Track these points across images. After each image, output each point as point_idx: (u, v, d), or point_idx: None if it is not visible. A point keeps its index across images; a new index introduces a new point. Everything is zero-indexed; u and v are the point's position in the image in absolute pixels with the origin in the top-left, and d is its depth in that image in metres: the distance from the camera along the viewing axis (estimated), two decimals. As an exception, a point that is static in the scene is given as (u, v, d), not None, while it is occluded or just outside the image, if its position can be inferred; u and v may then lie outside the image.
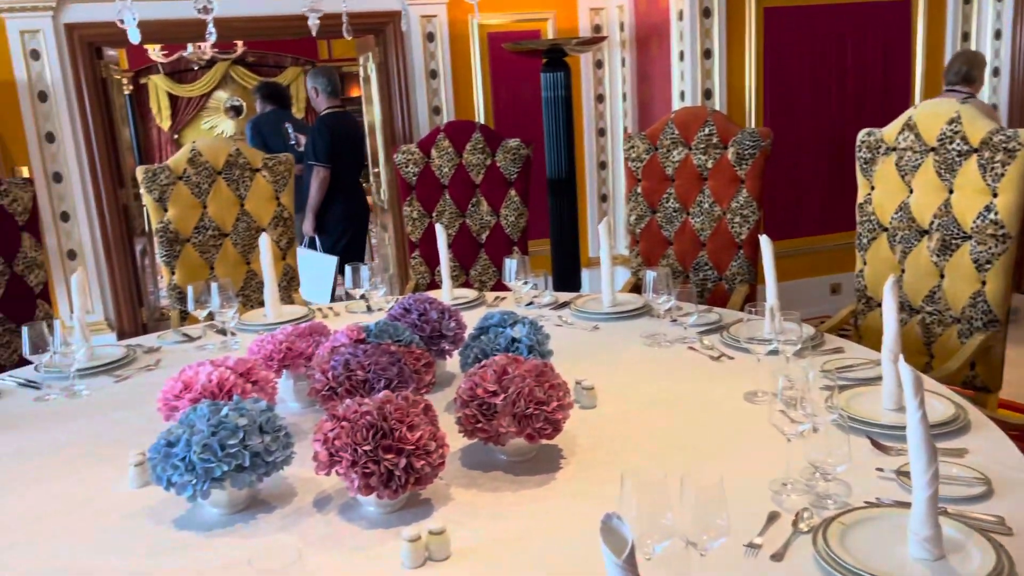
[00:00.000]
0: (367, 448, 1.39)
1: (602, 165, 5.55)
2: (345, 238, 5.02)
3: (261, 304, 3.09)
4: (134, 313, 4.80)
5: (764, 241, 2.18)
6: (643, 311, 2.59)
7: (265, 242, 2.69)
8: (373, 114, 5.35)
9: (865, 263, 2.66)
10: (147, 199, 3.16)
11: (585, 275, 5.30)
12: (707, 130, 3.07)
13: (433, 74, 5.00)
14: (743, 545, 1.28)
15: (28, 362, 2.29)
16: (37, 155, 4.38)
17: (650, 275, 2.34)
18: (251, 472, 1.44)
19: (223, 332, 2.57)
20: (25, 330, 2.07)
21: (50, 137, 4.42)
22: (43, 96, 4.38)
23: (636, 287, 3.08)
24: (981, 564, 1.14)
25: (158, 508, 1.52)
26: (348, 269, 2.64)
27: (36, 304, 2.88)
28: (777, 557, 1.25)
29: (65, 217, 4.51)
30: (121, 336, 4.56)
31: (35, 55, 4.33)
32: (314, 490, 1.56)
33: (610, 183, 5.57)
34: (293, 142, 5.31)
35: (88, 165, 4.50)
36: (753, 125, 4.74)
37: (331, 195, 4.84)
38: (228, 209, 3.26)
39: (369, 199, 6.34)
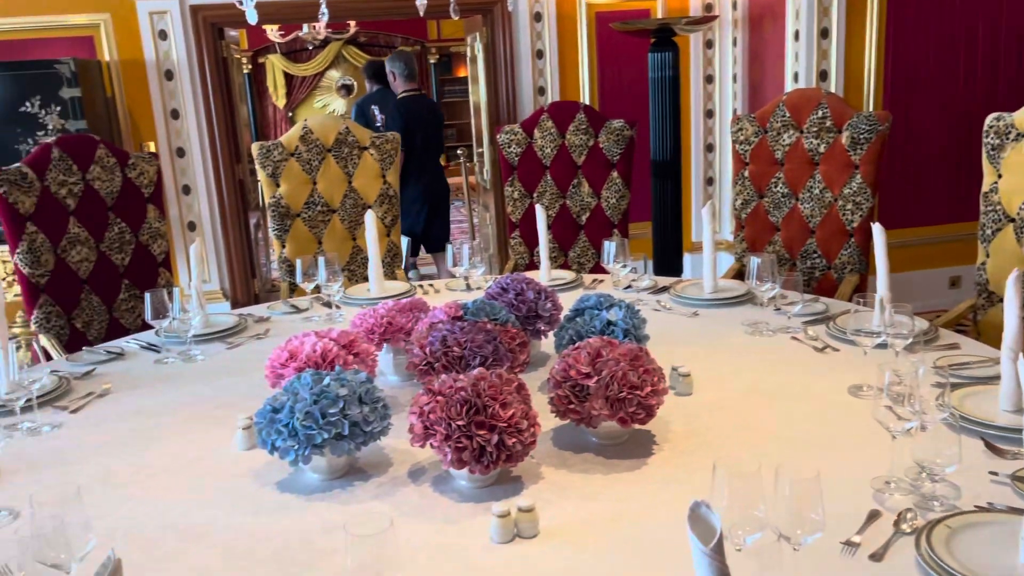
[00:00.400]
0: (461, 423, 1.42)
1: (709, 148, 5.42)
2: (420, 217, 5.23)
3: (365, 279, 3.18)
4: (247, 284, 5.02)
5: (877, 229, 2.09)
6: (745, 298, 2.53)
7: (371, 219, 2.76)
8: (478, 94, 5.39)
9: (988, 255, 2.51)
10: (261, 174, 3.29)
11: (687, 260, 5.20)
12: (820, 113, 2.95)
13: (539, 54, 4.99)
14: (840, 542, 1.24)
15: (150, 326, 2.43)
16: (163, 131, 4.63)
17: (754, 261, 2.28)
18: (349, 441, 1.48)
19: (328, 305, 2.66)
20: (148, 296, 2.19)
21: (175, 114, 4.65)
22: (169, 75, 4.61)
23: (739, 274, 3.01)
24: (1102, 579, 1.07)
25: (262, 471, 1.59)
26: (450, 248, 2.68)
27: (159, 272, 3.05)
28: (876, 557, 1.20)
29: (187, 190, 4.75)
30: (234, 305, 4.78)
31: (163, 35, 4.56)
32: (409, 461, 1.60)
33: (717, 167, 5.44)
34: (379, 124, 5.44)
35: (208, 141, 4.72)
36: (871, 108, 4.53)
37: (404, 176, 4.99)
38: (336, 186, 3.36)
39: (472, 179, 6.41)
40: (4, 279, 4.14)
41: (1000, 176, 2.46)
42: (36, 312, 2.70)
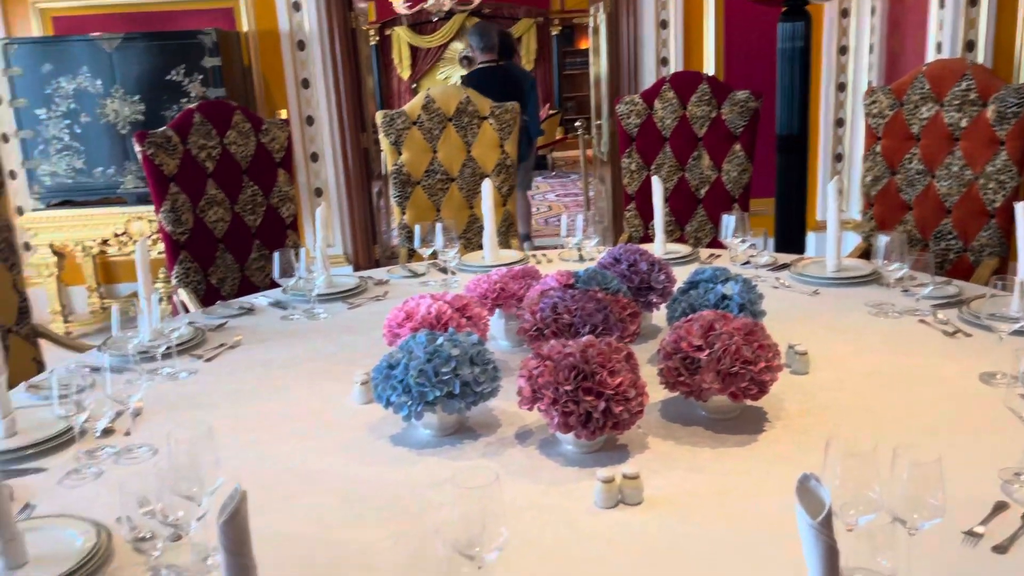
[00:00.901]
0: (568, 388, 1.43)
1: (839, 122, 5.19)
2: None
3: (481, 247, 3.23)
4: (368, 249, 5.19)
5: (1021, 208, 1.96)
6: (871, 278, 2.42)
7: (488, 187, 2.79)
8: (599, 65, 5.34)
9: None
10: (384, 142, 3.38)
11: (811, 239, 5.02)
12: (964, 85, 2.77)
13: (663, 24, 4.89)
14: (961, 532, 1.19)
15: (277, 284, 2.56)
16: (294, 99, 4.82)
17: (882, 239, 2.18)
18: (460, 399, 1.53)
19: (444, 271, 2.72)
20: (276, 256, 2.30)
21: (305, 83, 4.84)
22: (301, 45, 4.78)
23: (865, 253, 2.88)
24: None
25: (377, 425, 1.66)
26: (563, 218, 2.69)
27: (287, 234, 3.20)
28: (1000, 549, 1.15)
29: (314, 158, 4.94)
30: (356, 269, 4.96)
31: (296, 7, 4.73)
32: (517, 424, 1.63)
33: (847, 142, 5.20)
34: None
35: (336, 110, 4.89)
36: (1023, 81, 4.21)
37: None
38: (456, 154, 3.42)
39: (589, 152, 6.38)
40: (149, 237, 4.44)
41: None
42: (176, 268, 2.89)
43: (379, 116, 3.39)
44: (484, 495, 1.01)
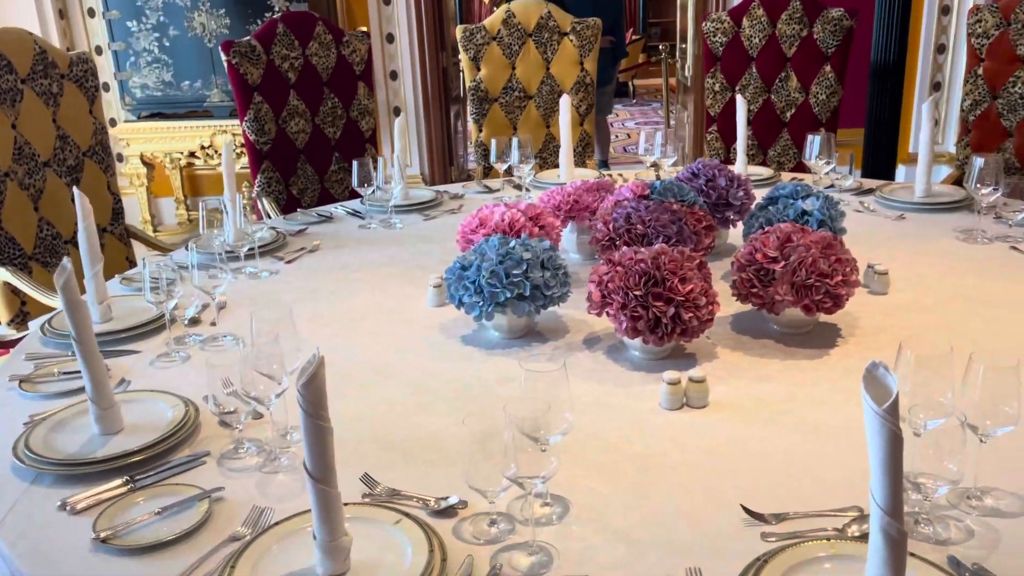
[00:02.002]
0: (638, 293, 1.43)
1: (940, 49, 4.90)
2: None
3: (557, 166, 3.21)
4: (445, 170, 5.21)
5: None
6: (962, 204, 2.33)
7: (565, 104, 2.76)
8: (687, -16, 5.14)
9: None
10: (463, 57, 3.37)
11: (900, 171, 4.81)
12: (1081, 1, 2.59)
13: (756, -60, 4.66)
14: (1035, 446, 1.16)
15: (357, 195, 2.61)
16: (375, 15, 4.81)
17: (977, 162, 2.09)
18: (530, 302, 1.55)
19: (519, 187, 2.72)
20: (355, 164, 2.35)
21: (386, 0, 4.81)
22: (382, -39, 4.74)
23: (958, 181, 2.75)
24: None
25: (449, 325, 1.70)
26: (642, 133, 2.65)
27: (365, 148, 3.24)
28: (1076, 466, 1.12)
29: (394, 76, 4.94)
30: (432, 190, 4.99)
31: (378, -78, 4.68)
32: (586, 331, 1.64)
33: (947, 70, 4.91)
34: None
35: (416, 28, 4.86)
36: None
37: None
38: (534, 71, 3.38)
39: (672, 80, 6.20)
40: (235, 149, 4.55)
41: None
42: (259, 176, 2.97)
43: (459, 30, 3.37)
44: (550, 379, 1.04)
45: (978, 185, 2.07)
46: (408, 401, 1.40)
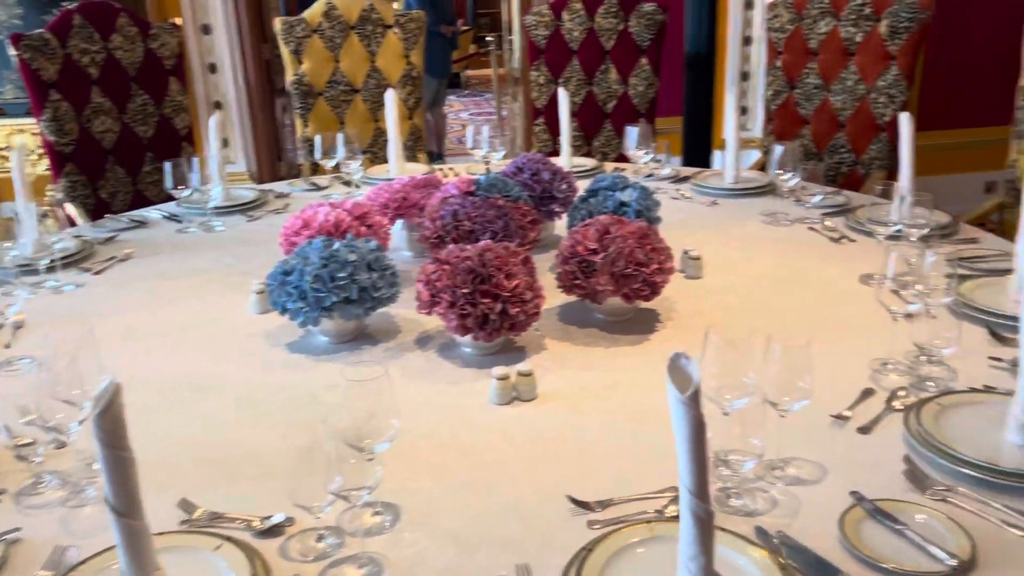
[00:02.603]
0: (466, 291, 1.44)
1: (746, 40, 5.23)
2: None
3: (387, 161, 3.17)
4: (273, 166, 5.03)
5: (904, 119, 2.03)
6: (767, 189, 2.49)
7: (391, 98, 2.72)
8: (510, -23, 5.21)
9: (1020, 152, 2.44)
10: (284, 50, 3.25)
11: (717, 157, 5.09)
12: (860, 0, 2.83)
13: (574, -65, 4.78)
14: (830, 415, 1.26)
15: (173, 198, 2.47)
16: (188, 5, 4.55)
17: (778, 149, 2.24)
18: (358, 305, 1.52)
19: (348, 184, 2.67)
20: (167, 166, 2.21)
21: (199, -11, 4.56)
22: (193, -52, 4.49)
23: (764, 167, 2.95)
24: (1084, 456, 1.09)
25: (274, 332, 1.64)
26: (469, 129, 2.66)
27: (182, 146, 3.07)
28: (864, 430, 1.23)
29: (213, 69, 4.70)
30: (260, 188, 4.80)
31: (186, -94, 4.42)
32: (417, 330, 1.63)
33: (753, 61, 5.24)
34: None
35: (233, 18, 4.64)
36: None
37: None
38: (359, 65, 3.31)
39: (501, 70, 6.28)
40: (33, 151, 4.18)
41: (1042, 69, 2.36)
42: (62, 181, 2.74)
43: (278, 23, 3.25)
44: (372, 387, 1.02)
45: (779, 171, 2.23)
46: (230, 416, 1.34)
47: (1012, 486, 1.06)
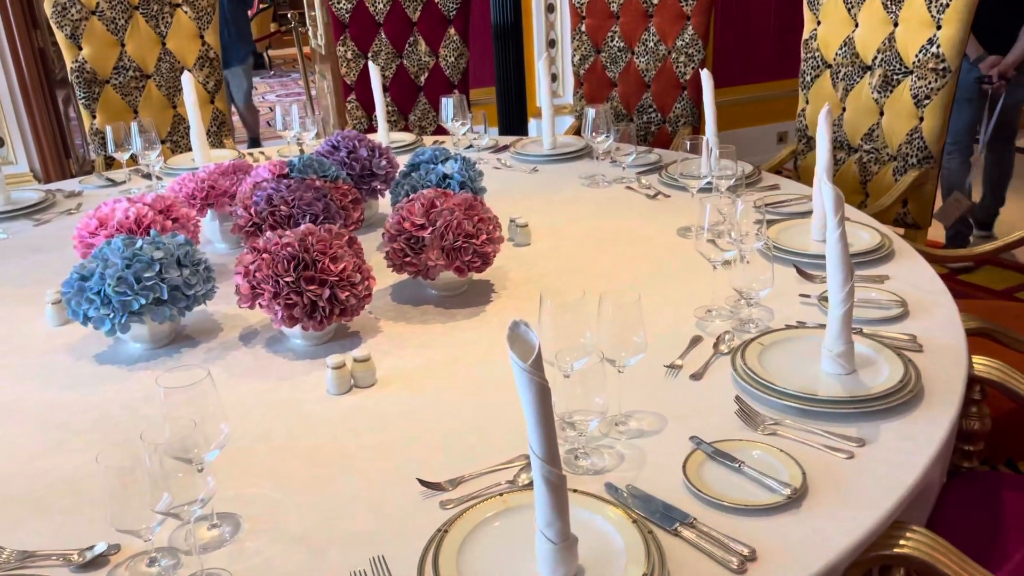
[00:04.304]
0: (289, 279, 1.36)
1: (550, 8, 5.32)
2: None
3: (190, 149, 2.97)
4: (61, 164, 4.59)
5: (705, 76, 2.12)
6: (584, 152, 2.55)
7: (188, 81, 2.54)
8: (306, -50, 5.00)
9: (808, 102, 2.62)
10: (59, 36, 2.95)
11: (533, 125, 5.17)
12: (654, -37, 2.93)
13: (369, -95, 4.65)
14: (664, 366, 1.30)
15: (-61, 206, 2.18)
16: (-63, -9, 4.04)
17: (590, 113, 2.28)
18: (170, 306, 1.40)
19: (148, 176, 2.47)
20: (-72, 170, 1.95)
21: (-50, -29, 4.05)
22: (-63, -77, 3.98)
23: (579, 131, 3.01)
24: (889, 376, 1.18)
25: (79, 345, 1.49)
26: (278, 108, 2.53)
27: (-54, 149, 2.72)
28: (696, 376, 1.28)
29: (-24, 61, 4.21)
30: (49, 189, 4.37)
31: None
32: (240, 325, 1.54)
33: (558, 27, 5.35)
34: None
35: (-4, 3, 4.17)
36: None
37: None
38: (149, 48, 3.06)
39: (306, 48, 6.05)
40: None
41: (819, 23, 2.54)
42: None
43: (47, 5, 2.93)
44: (194, 393, 0.94)
45: (592, 134, 2.27)
46: (34, 442, 1.20)
47: (831, 412, 1.13)
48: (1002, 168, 3.74)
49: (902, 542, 0.95)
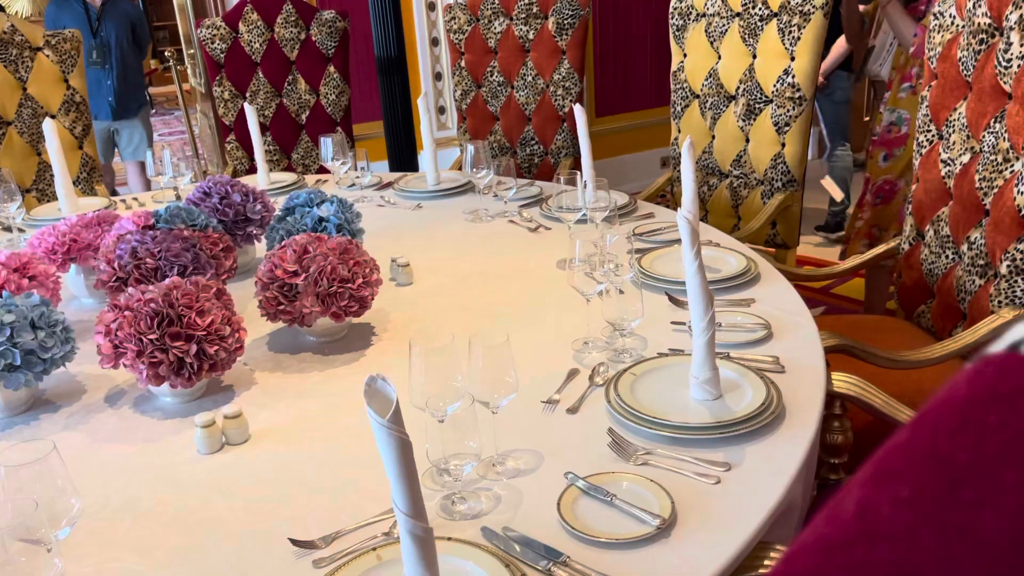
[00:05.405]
0: (152, 337, 1.31)
1: (434, 42, 5.36)
2: None
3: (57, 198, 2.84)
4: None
5: (578, 110, 2.18)
6: (467, 188, 2.56)
7: (49, 128, 2.43)
8: (180, -12, 4.90)
9: (679, 130, 2.72)
10: (-94, 84, 2.78)
11: (423, 157, 5.18)
12: (526, 1, 2.99)
13: (244, -58, 4.59)
14: (541, 401, 1.32)
15: None
16: None
17: (470, 149, 2.30)
18: (24, 371, 1.33)
19: (9, 229, 2.35)
20: None
21: None
22: None
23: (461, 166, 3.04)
24: (752, 399, 1.23)
25: (-75, 417, 1.39)
26: (148, 155, 2.45)
27: None
28: (573, 410, 1.29)
29: None
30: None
31: None
32: (106, 386, 1.47)
33: (443, 61, 5.40)
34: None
35: None
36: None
37: None
38: (8, 93, 2.92)
39: (186, 85, 5.90)
40: None
41: (685, 55, 2.65)
42: None
43: None
44: (40, 467, 0.89)
45: (473, 169, 2.29)
46: None
47: (699, 439, 1.17)
48: (838, 168, 4.14)
49: (767, 562, 0.99)
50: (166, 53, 6.27)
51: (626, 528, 1.00)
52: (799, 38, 2.28)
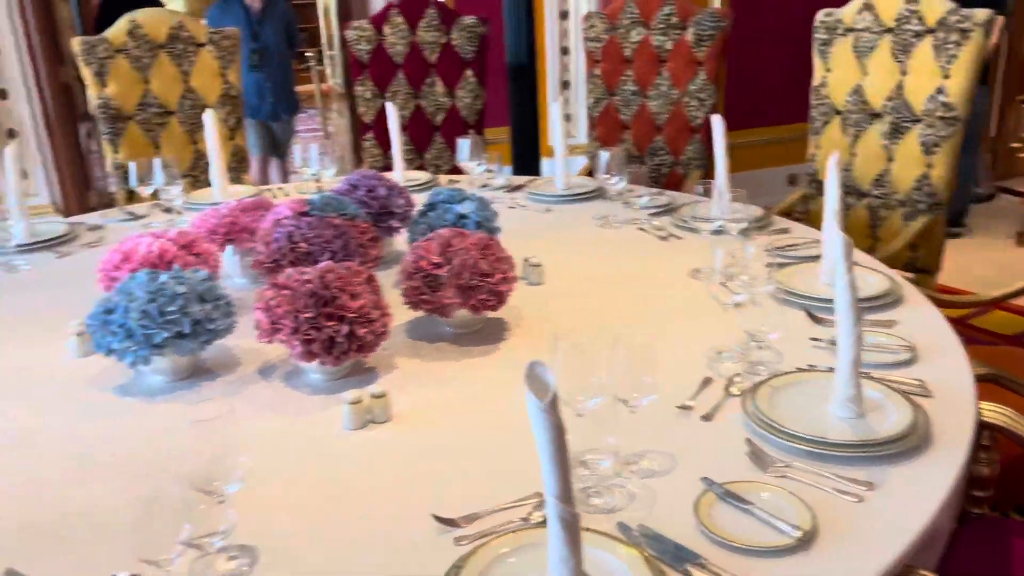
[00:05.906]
0: (308, 315, 1.39)
1: (564, 50, 5.41)
2: None
3: (210, 185, 3.02)
4: (81, 196, 4.67)
5: (715, 120, 2.17)
6: (596, 194, 2.58)
7: (209, 119, 2.60)
8: (327, -9, 5.13)
9: (818, 147, 2.66)
10: (86, 72, 3.03)
11: (545, 164, 5.24)
12: (667, 10, 2.99)
13: (389, -51, 4.77)
14: (675, 407, 1.32)
15: (-34, 238, 2.23)
16: (-32, 29, 4.15)
17: (603, 155, 2.33)
18: (192, 339, 1.43)
19: (169, 210, 2.52)
20: (-42, 203, 2.00)
21: (-19, 9, 4.17)
22: (-30, -37, 4.11)
23: (592, 172, 3.06)
24: (897, 421, 1.20)
25: (100, 377, 1.51)
26: (296, 148, 2.59)
27: (-27, 181, 2.78)
28: (707, 418, 1.29)
29: (3, 95, 4.32)
30: (69, 220, 4.44)
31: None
32: (259, 360, 1.56)
33: (572, 70, 5.44)
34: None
35: (24, 40, 4.28)
36: (717, 5, 4.63)
37: None
38: (172, 86, 3.14)
39: (324, 86, 6.16)
40: None
41: (829, 71, 2.59)
42: None
43: (76, 43, 3.02)
44: (216, 427, 0.96)
45: (606, 176, 2.31)
46: (56, 473, 1.22)
47: (840, 456, 1.15)
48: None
49: (911, 586, 0.96)
50: (307, 53, 6.58)
51: (765, 537, 1.00)
52: (955, 56, 2.19)
